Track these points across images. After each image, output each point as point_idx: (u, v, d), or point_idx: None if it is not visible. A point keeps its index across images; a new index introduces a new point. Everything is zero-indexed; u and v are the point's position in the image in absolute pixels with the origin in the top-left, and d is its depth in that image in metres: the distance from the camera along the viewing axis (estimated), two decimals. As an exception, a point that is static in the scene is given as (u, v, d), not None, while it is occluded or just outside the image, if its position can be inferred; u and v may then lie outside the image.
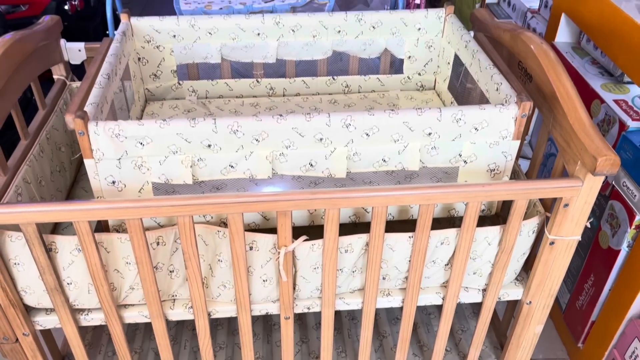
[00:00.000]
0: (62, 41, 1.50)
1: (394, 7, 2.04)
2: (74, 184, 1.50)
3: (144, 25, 1.46)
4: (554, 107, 1.14)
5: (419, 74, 1.63)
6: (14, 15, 2.55)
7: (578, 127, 1.06)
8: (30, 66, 1.34)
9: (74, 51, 1.51)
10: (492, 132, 1.11)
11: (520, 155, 1.31)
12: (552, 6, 1.86)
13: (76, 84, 1.55)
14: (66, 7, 2.62)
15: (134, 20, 1.45)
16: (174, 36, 1.49)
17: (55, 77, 1.54)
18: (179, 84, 1.59)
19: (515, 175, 1.28)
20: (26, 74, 1.33)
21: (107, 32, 1.88)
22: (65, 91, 1.52)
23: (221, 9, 1.77)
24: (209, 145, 1.06)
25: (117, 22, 3.29)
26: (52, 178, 1.35)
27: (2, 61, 1.16)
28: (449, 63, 1.54)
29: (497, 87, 1.19)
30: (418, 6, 2.35)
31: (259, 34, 1.52)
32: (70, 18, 2.67)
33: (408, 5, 2.36)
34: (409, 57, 1.60)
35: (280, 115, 1.05)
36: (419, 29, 1.55)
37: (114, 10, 1.84)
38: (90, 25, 2.83)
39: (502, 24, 1.42)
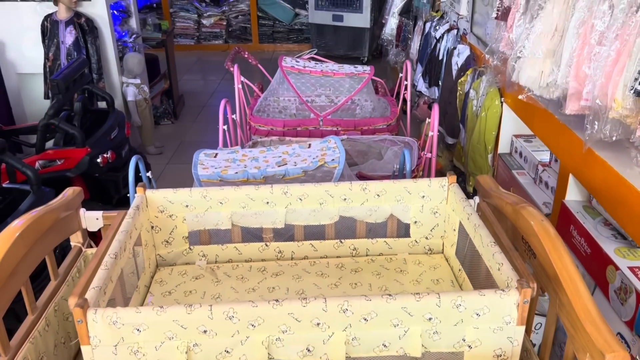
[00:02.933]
0: (82, 211, 1.59)
1: (403, 164, 2.11)
2: (78, 352, 1.49)
3: (159, 197, 1.54)
4: (559, 289, 1.11)
5: (426, 238, 1.64)
6: (50, 169, 2.74)
7: (584, 317, 1.02)
8: (46, 241, 1.41)
9: (92, 220, 1.59)
10: (494, 317, 1.08)
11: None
12: (560, 166, 1.89)
13: (92, 250, 1.60)
14: (98, 160, 2.80)
15: (149, 192, 1.53)
16: (187, 206, 1.56)
17: (72, 243, 1.60)
18: (190, 249, 1.63)
19: (527, 355, 1.22)
20: (41, 250, 1.39)
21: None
22: (80, 258, 1.57)
23: (237, 172, 1.87)
24: (205, 331, 1.06)
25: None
26: (55, 352, 1.35)
27: (18, 244, 1.23)
28: (454, 230, 1.55)
29: (499, 267, 1.18)
30: (429, 161, 2.43)
31: (268, 203, 1.57)
32: (101, 169, 2.84)
33: (419, 159, 2.45)
34: (415, 222, 1.62)
35: (276, 301, 1.05)
36: (423, 196, 1.58)
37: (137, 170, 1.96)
38: (120, 175, 2.99)
39: (505, 195, 1.44)
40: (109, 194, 3.02)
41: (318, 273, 1.56)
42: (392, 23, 5.55)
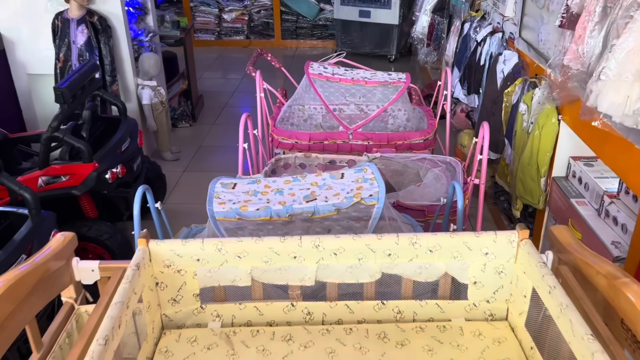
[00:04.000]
0: (75, 260, 1.33)
1: (451, 198, 1.82)
2: None
3: (164, 250, 1.27)
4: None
5: (487, 301, 1.35)
6: (54, 186, 2.50)
7: None
8: (29, 305, 1.16)
9: (87, 271, 1.33)
10: None
11: None
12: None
13: (86, 308, 1.34)
14: (107, 176, 2.56)
15: (153, 244, 1.27)
16: (198, 260, 1.30)
17: (63, 299, 1.35)
18: (202, 308, 1.36)
19: None
20: (21, 318, 1.14)
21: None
22: (71, 318, 1.32)
23: (258, 209, 1.59)
24: None
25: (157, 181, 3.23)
26: None
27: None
28: (525, 296, 1.25)
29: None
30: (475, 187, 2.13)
31: (295, 257, 1.30)
32: (110, 186, 2.60)
33: (465, 185, 2.15)
34: (475, 282, 1.33)
35: None
36: (487, 253, 1.29)
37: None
38: (131, 191, 2.75)
39: (592, 259, 1.15)
40: (119, 210, 2.79)
41: (356, 346, 1.28)
42: (423, 21, 5.21)
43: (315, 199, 1.62)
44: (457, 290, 1.36)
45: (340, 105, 3.12)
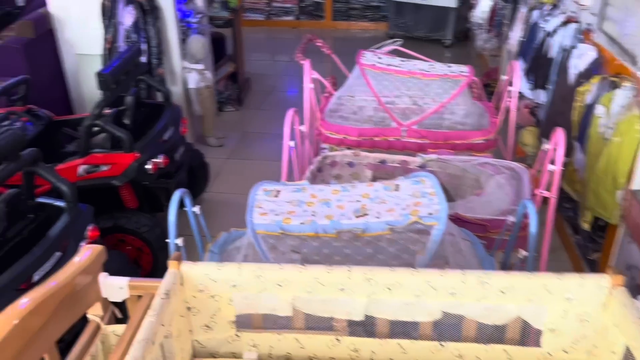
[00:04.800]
0: (102, 276, 1.22)
1: (520, 220, 1.61)
2: None
3: (198, 273, 1.14)
4: None
5: (565, 352, 1.16)
6: (94, 175, 2.43)
7: None
8: (54, 323, 1.06)
9: (114, 289, 1.22)
10: None
11: None
12: None
13: (113, 328, 1.23)
14: (148, 166, 2.47)
15: (186, 267, 1.14)
16: (234, 286, 1.16)
17: (89, 316, 1.24)
18: (237, 335, 1.23)
19: None
20: (43, 341, 1.04)
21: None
22: (97, 339, 1.21)
23: (302, 223, 1.44)
24: None
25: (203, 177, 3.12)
26: None
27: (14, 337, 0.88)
28: (614, 352, 1.06)
29: None
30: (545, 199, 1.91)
31: (343, 289, 1.14)
32: (151, 177, 2.51)
33: (532, 197, 1.93)
34: (552, 329, 1.14)
35: None
36: (569, 298, 1.10)
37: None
38: (172, 182, 2.65)
39: None
40: (159, 201, 2.70)
41: (409, 396, 1.12)
42: (484, 5, 4.88)
43: (366, 214, 1.45)
44: (529, 336, 1.18)
45: (393, 97, 2.90)
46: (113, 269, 2.12)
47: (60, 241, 1.85)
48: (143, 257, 2.54)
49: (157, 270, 2.53)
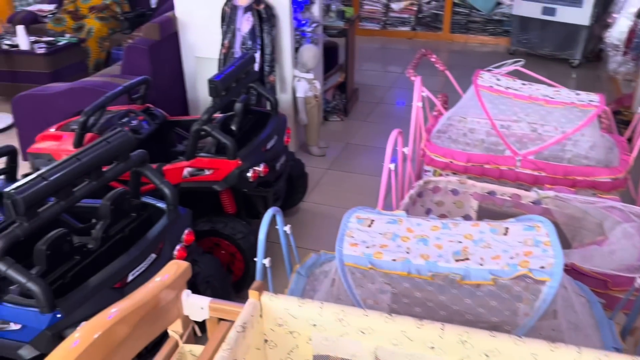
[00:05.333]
0: (185, 293, 1.20)
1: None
2: None
3: (278, 307, 1.08)
4: None
5: None
6: (197, 178, 2.49)
7: None
8: (135, 338, 1.05)
9: (195, 308, 1.19)
10: None
11: None
12: None
13: (191, 347, 1.21)
14: (248, 174, 2.48)
15: (266, 298, 1.08)
16: (315, 325, 1.08)
17: (169, 331, 1.23)
18: (314, 377, 1.15)
19: None
20: (126, 352, 1.04)
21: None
22: (173, 357, 1.19)
23: (394, 260, 1.34)
24: None
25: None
26: None
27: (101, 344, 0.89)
28: None
29: None
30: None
31: (432, 348, 1.02)
32: (250, 185, 2.52)
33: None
34: None
35: None
36: None
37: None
38: (270, 191, 2.65)
39: None
40: (256, 209, 2.71)
41: None
42: (622, 24, 4.42)
43: (468, 258, 1.31)
44: None
45: (509, 121, 2.69)
46: (205, 273, 2.19)
47: (156, 243, 1.90)
48: (235, 264, 2.56)
49: (247, 278, 2.54)
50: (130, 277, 1.77)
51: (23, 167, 2.62)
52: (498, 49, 6.34)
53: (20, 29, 4.60)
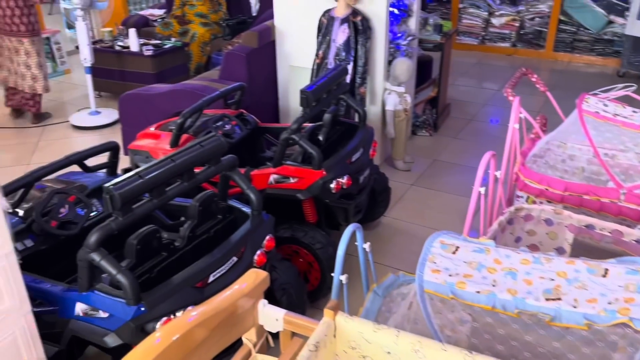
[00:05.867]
0: (261, 303, 1.21)
1: None
2: None
3: (352, 329, 1.06)
4: None
5: None
6: (282, 185, 2.53)
7: None
8: (210, 343, 1.08)
9: (270, 318, 1.20)
10: None
11: None
12: None
13: (263, 358, 1.22)
14: (332, 185, 2.48)
15: (341, 319, 1.06)
16: (389, 353, 1.05)
17: (244, 339, 1.25)
18: (383, 404, 1.11)
19: None
20: (202, 356, 1.06)
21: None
22: (246, 366, 1.20)
23: (479, 292, 1.27)
24: None
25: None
26: None
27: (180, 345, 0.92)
28: None
29: None
30: None
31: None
32: (332, 196, 2.52)
33: None
34: None
35: None
36: None
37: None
38: (352, 203, 2.64)
39: None
40: (336, 220, 2.71)
41: None
42: None
43: (560, 298, 1.22)
44: None
45: (615, 150, 2.49)
46: (282, 279, 2.21)
47: (239, 247, 1.94)
48: (312, 273, 2.57)
49: (322, 288, 2.54)
50: (211, 278, 1.82)
51: (124, 160, 2.80)
52: (606, 70, 5.94)
53: (132, 32, 4.94)
